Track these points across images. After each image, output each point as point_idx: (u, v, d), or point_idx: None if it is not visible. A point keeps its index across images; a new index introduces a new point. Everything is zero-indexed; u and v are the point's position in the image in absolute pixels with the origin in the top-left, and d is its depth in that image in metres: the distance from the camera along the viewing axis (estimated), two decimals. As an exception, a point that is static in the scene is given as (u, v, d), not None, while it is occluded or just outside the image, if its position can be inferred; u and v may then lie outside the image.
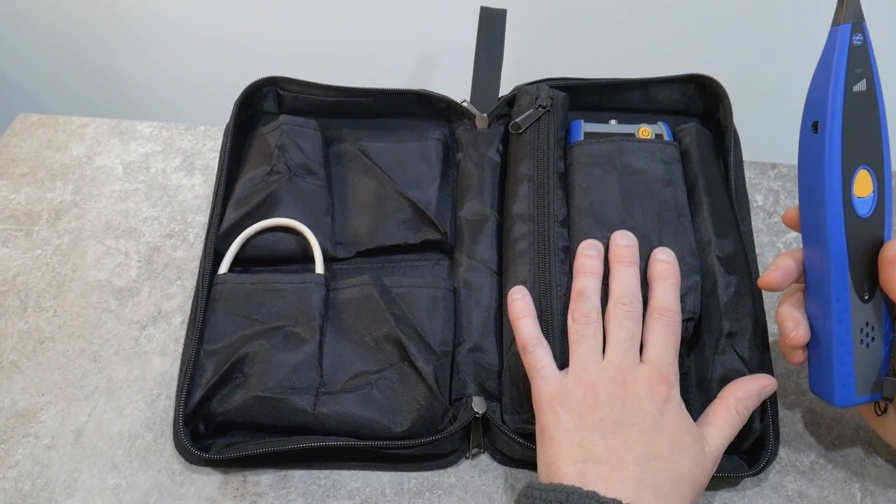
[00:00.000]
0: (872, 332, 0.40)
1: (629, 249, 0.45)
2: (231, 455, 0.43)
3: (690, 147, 0.53)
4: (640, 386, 0.40)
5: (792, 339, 0.41)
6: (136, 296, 0.53)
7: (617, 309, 0.43)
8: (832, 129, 0.37)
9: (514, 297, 0.45)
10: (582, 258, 0.46)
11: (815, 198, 0.39)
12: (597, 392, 0.39)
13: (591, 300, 0.43)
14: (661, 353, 0.41)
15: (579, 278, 0.45)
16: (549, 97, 0.54)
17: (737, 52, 0.75)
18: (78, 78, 0.89)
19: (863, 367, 0.40)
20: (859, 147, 0.38)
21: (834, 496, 0.44)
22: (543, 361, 0.42)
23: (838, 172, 0.38)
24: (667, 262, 0.45)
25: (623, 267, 0.45)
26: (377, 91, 0.57)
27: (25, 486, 0.44)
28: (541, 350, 0.43)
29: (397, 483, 0.45)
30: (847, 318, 0.40)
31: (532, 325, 0.44)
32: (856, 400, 0.41)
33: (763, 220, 0.57)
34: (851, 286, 0.39)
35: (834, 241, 0.39)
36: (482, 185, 0.53)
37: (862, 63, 0.37)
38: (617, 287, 0.44)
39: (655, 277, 0.44)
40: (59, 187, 0.59)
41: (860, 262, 0.39)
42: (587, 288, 0.44)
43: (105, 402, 0.48)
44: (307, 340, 0.46)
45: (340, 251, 0.52)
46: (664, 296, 0.43)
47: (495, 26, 0.58)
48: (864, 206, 0.39)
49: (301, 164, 0.54)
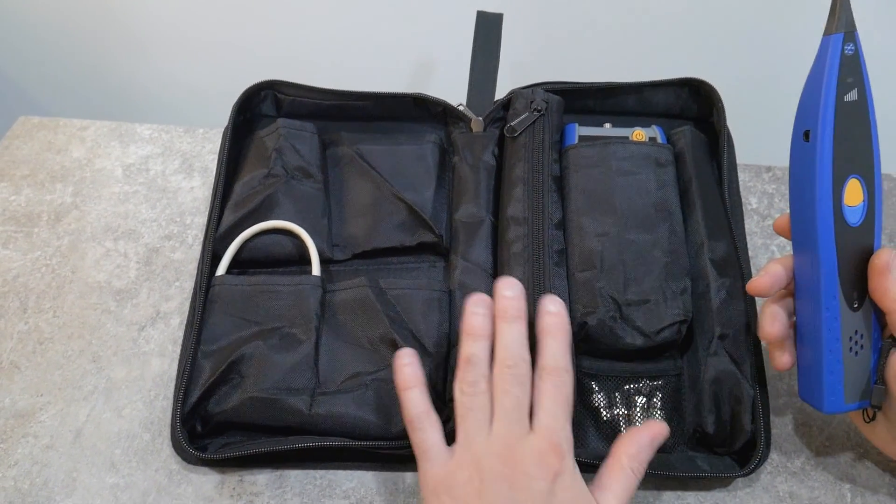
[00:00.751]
0: (861, 340, 0.40)
1: (513, 302, 0.41)
2: (228, 455, 0.44)
3: (684, 150, 0.54)
4: (529, 462, 0.37)
5: (766, 333, 0.42)
6: (135, 297, 0.53)
7: (502, 374, 0.39)
8: (823, 138, 0.38)
9: (403, 363, 0.41)
10: (469, 317, 0.41)
11: (805, 206, 0.40)
12: (482, 474, 0.36)
13: (478, 368, 0.39)
14: (552, 418, 0.38)
15: (467, 342, 0.40)
16: (544, 101, 0.55)
17: (731, 55, 0.76)
18: (78, 81, 0.90)
19: (852, 374, 0.41)
20: (850, 156, 0.38)
21: (824, 497, 0.45)
22: (430, 441, 0.39)
23: (829, 181, 0.38)
24: (555, 314, 0.41)
25: (507, 323, 0.40)
26: (374, 95, 0.58)
27: (24, 486, 0.45)
28: (429, 427, 0.39)
29: (392, 483, 0.45)
30: (837, 325, 0.40)
31: (420, 397, 0.40)
32: (845, 407, 0.41)
33: (757, 223, 0.58)
34: (841, 294, 0.40)
35: (824, 250, 0.39)
36: (478, 188, 0.54)
37: (853, 72, 0.37)
38: (501, 348, 0.40)
39: (543, 333, 0.40)
40: (60, 189, 0.59)
41: (850, 270, 0.40)
42: (475, 354, 0.40)
43: (104, 402, 0.48)
44: (303, 341, 0.47)
45: (337, 253, 0.53)
46: (553, 354, 0.40)
47: (492, 30, 0.58)
48: (854, 214, 0.39)
49: (298, 167, 0.54)
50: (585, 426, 0.47)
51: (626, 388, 0.47)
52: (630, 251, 0.49)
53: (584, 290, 0.48)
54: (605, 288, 0.47)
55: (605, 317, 0.47)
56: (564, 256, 0.50)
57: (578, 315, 0.47)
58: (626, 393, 0.47)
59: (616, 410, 0.47)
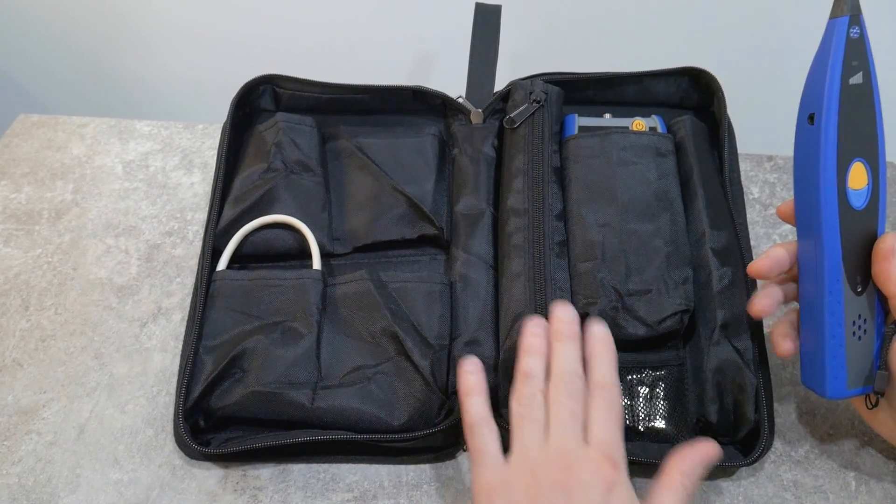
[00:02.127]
0: (865, 325, 0.40)
1: (568, 325, 0.43)
2: (231, 450, 0.44)
3: (685, 139, 0.53)
4: (585, 471, 0.37)
5: (754, 306, 0.43)
6: (137, 293, 0.53)
7: (557, 388, 0.40)
8: (828, 121, 0.38)
9: (467, 370, 0.43)
10: (527, 337, 0.43)
11: (809, 189, 0.39)
12: (539, 482, 0.37)
13: (535, 382, 0.41)
14: (606, 432, 0.39)
15: (525, 358, 0.42)
16: (543, 92, 0.54)
17: (732, 44, 0.75)
18: (77, 78, 0.89)
19: (854, 359, 0.40)
20: (854, 139, 0.38)
21: (829, 485, 0.45)
22: (489, 447, 0.39)
23: (833, 164, 0.38)
24: (600, 337, 0.42)
25: (561, 343, 0.42)
26: (373, 88, 0.58)
27: (28, 482, 0.45)
28: (488, 433, 0.40)
29: (395, 476, 0.45)
30: (840, 310, 0.40)
31: (482, 404, 0.41)
32: (847, 392, 0.41)
33: (759, 213, 0.58)
34: (845, 278, 0.40)
35: (828, 232, 0.39)
36: (478, 180, 0.54)
37: (859, 55, 0.37)
38: (556, 365, 0.41)
39: (591, 353, 0.42)
40: (60, 187, 0.59)
41: (854, 254, 0.39)
42: (533, 369, 0.41)
43: (106, 398, 0.48)
44: (305, 335, 0.47)
45: (337, 247, 0.53)
46: (602, 372, 0.41)
47: (490, 22, 0.58)
48: (858, 198, 0.39)
49: (298, 161, 0.54)
50: (588, 417, 0.46)
51: (628, 379, 0.47)
52: (631, 241, 0.48)
53: (586, 280, 0.48)
54: (607, 278, 0.47)
55: (606, 307, 0.47)
56: (566, 247, 0.50)
57: (580, 306, 0.47)
58: (629, 383, 0.47)
59: (619, 401, 0.47)
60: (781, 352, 0.43)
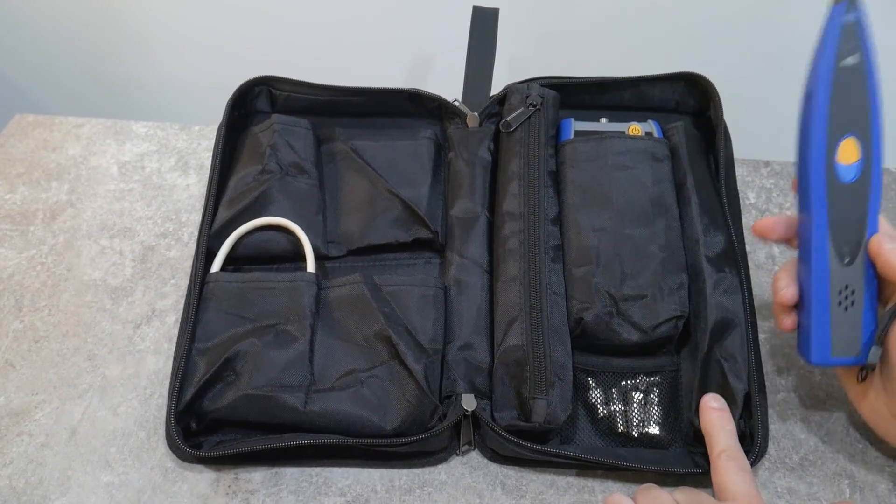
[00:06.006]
0: (852, 296, 0.41)
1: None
2: (223, 452, 0.43)
3: (679, 145, 0.53)
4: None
5: (781, 296, 0.43)
6: (131, 295, 0.53)
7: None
8: (817, 98, 0.40)
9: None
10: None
11: (801, 163, 0.41)
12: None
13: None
14: (746, 486, 0.40)
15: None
16: (540, 96, 0.54)
17: (729, 49, 0.75)
18: (73, 78, 0.89)
19: (840, 328, 0.42)
20: (847, 116, 0.40)
21: (823, 493, 0.45)
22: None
23: (821, 139, 0.40)
24: (719, 410, 0.44)
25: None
26: (369, 90, 0.58)
27: (19, 484, 0.44)
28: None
29: (388, 480, 0.45)
30: (825, 277, 0.41)
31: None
32: (831, 360, 0.42)
33: (755, 218, 0.58)
34: (831, 247, 0.41)
35: (815, 203, 0.41)
36: (473, 183, 0.53)
37: (854, 38, 0.39)
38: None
39: (713, 426, 0.43)
40: (55, 187, 0.59)
41: (842, 226, 0.41)
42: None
43: (99, 400, 0.48)
44: (298, 339, 0.46)
45: (332, 250, 0.53)
46: (726, 440, 0.42)
47: (487, 26, 0.58)
48: (848, 172, 0.40)
49: (293, 163, 0.54)
50: (581, 422, 0.46)
51: (622, 385, 0.47)
52: (627, 246, 0.48)
53: (581, 285, 0.48)
54: (602, 283, 0.47)
55: (601, 312, 0.47)
56: (561, 252, 0.50)
57: (575, 311, 0.47)
58: (622, 389, 0.47)
59: (613, 407, 0.47)
60: (782, 326, 0.44)
